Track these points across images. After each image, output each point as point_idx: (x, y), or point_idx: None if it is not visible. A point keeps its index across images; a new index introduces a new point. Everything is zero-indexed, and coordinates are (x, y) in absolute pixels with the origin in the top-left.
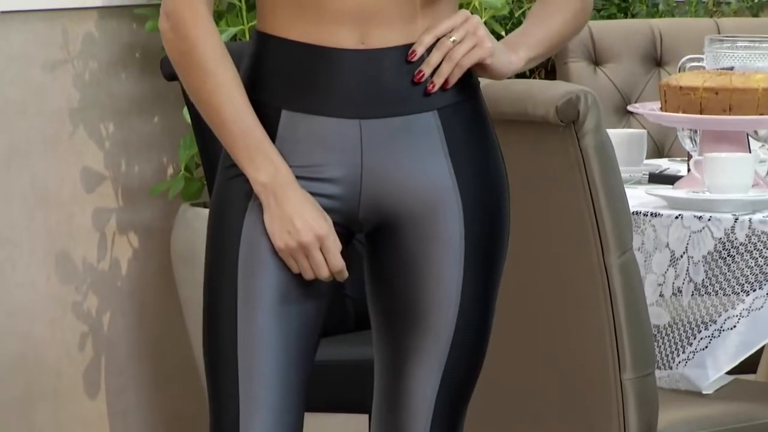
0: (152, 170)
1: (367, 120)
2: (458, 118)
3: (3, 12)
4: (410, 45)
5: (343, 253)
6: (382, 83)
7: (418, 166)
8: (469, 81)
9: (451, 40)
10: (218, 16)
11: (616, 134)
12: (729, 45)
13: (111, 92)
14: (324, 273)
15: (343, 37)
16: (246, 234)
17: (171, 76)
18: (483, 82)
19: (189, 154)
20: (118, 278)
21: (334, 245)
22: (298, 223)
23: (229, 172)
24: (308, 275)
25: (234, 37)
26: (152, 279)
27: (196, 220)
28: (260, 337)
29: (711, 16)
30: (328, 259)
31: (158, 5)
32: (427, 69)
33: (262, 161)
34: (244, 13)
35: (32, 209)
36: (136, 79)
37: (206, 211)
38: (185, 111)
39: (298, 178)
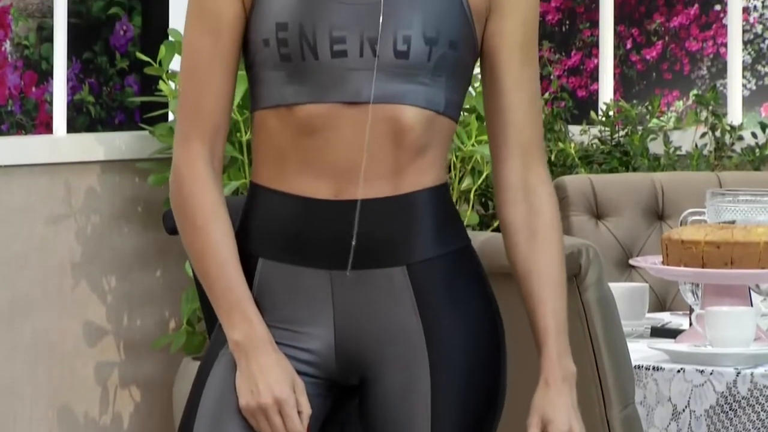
0: (154, 324)
1: (337, 271)
2: (431, 274)
3: (6, 165)
4: (385, 198)
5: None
6: (351, 235)
7: (387, 321)
8: (442, 237)
9: None
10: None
11: (617, 288)
12: (730, 199)
13: (113, 246)
14: None
15: (320, 189)
16: (210, 386)
17: (173, 230)
18: (483, 235)
19: (191, 308)
20: None
21: (293, 411)
22: (261, 384)
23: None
24: None
25: (236, 191)
26: None
27: None
28: None
29: (712, 170)
30: (287, 423)
31: (160, 159)
32: None
33: (237, 319)
34: (246, 168)
35: (34, 363)
36: (139, 232)
37: None
38: (187, 265)
39: (277, 329)
